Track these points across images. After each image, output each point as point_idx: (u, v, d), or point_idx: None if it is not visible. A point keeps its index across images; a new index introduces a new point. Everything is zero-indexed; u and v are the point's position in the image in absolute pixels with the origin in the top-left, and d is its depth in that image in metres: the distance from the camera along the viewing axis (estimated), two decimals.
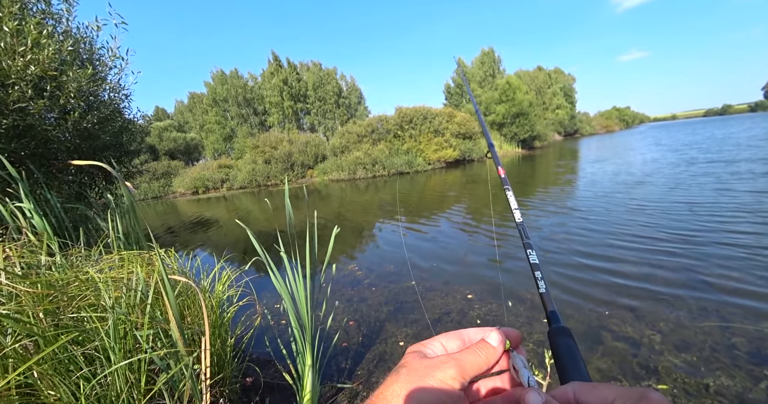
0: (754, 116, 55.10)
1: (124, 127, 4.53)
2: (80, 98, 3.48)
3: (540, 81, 42.90)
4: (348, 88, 32.90)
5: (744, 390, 1.94)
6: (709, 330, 2.48)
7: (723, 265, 3.41)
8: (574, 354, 0.44)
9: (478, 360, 0.34)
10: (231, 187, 22.63)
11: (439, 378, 0.31)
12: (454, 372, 0.32)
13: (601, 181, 9.36)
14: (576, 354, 0.44)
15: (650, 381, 2.06)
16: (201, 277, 2.41)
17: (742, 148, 12.40)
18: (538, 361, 2.31)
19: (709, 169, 8.96)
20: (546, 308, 0.56)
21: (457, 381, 0.31)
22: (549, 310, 0.54)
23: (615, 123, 62.16)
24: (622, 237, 4.54)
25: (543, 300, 0.58)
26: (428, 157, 20.33)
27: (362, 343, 2.81)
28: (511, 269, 4.00)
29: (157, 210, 16.33)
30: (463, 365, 0.33)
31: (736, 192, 6.19)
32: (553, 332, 0.48)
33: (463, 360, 0.33)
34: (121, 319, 1.21)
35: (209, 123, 32.71)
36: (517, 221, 0.77)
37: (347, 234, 6.77)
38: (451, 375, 0.31)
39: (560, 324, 0.50)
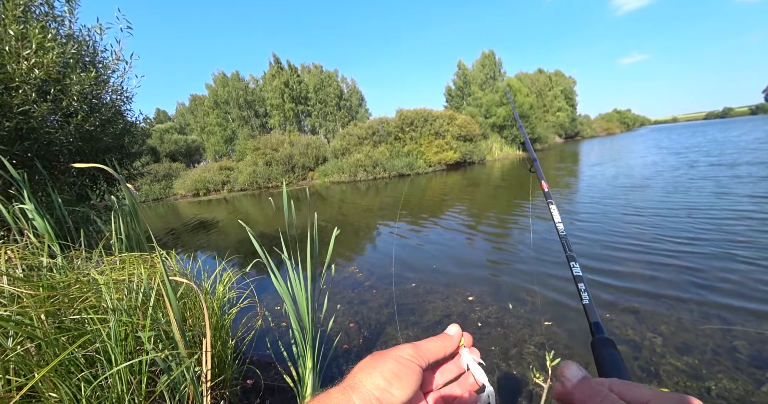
0: (755, 119, 55.10)
1: (125, 130, 4.54)
2: (83, 101, 3.50)
3: (541, 83, 42.94)
4: (349, 91, 32.98)
5: (746, 393, 1.93)
6: (710, 333, 2.47)
7: (723, 268, 3.40)
8: (619, 364, 0.45)
9: (435, 345, 0.36)
10: (232, 188, 22.65)
11: (397, 354, 0.34)
12: (411, 350, 0.34)
13: (599, 184, 9.36)
14: (620, 364, 0.45)
15: (651, 384, 2.05)
16: (202, 279, 2.41)
17: (745, 152, 12.39)
18: (539, 364, 2.31)
19: (709, 173, 8.95)
20: (589, 319, 0.57)
21: (414, 358, 0.34)
22: (593, 321, 0.55)
23: (616, 125, 62.18)
24: (622, 241, 4.54)
25: (586, 312, 0.59)
26: (429, 159, 20.34)
27: (363, 345, 2.80)
28: (512, 272, 3.99)
29: (158, 213, 16.35)
30: (419, 347, 0.35)
31: (736, 196, 6.18)
32: (598, 343, 0.48)
33: (420, 344, 0.36)
34: (123, 321, 1.22)
35: (210, 125, 32.81)
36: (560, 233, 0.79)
37: (348, 236, 6.77)
38: (408, 352, 0.34)
39: (604, 335, 0.51)
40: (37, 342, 1.11)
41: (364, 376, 0.32)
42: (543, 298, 3.23)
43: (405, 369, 0.33)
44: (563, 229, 0.79)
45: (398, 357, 0.34)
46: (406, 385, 0.32)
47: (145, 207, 19.55)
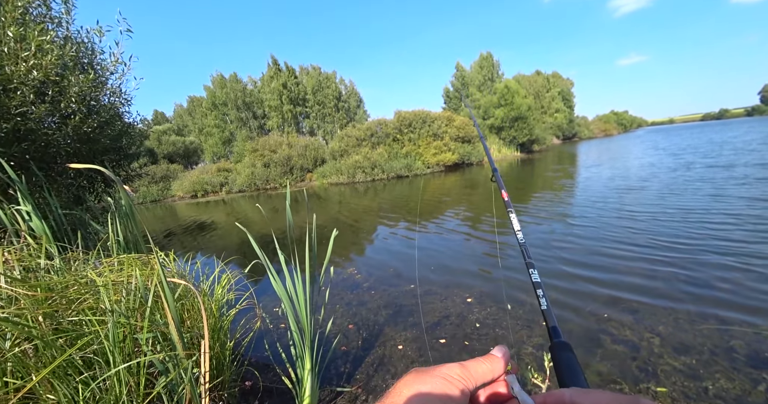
0: (750, 120, 55.49)
1: (123, 131, 4.53)
2: (81, 103, 3.49)
3: (538, 85, 43.10)
4: (347, 92, 33.01)
5: (743, 392, 1.94)
6: (708, 333, 2.48)
7: (720, 268, 3.42)
8: (574, 367, 0.47)
9: (483, 367, 0.34)
10: (230, 190, 22.61)
11: (445, 372, 0.32)
12: (459, 370, 0.32)
13: (596, 186, 9.40)
14: (575, 367, 0.47)
15: (649, 384, 2.06)
16: (200, 281, 2.41)
17: (742, 153, 12.47)
18: (537, 364, 2.31)
19: (706, 174, 9.01)
20: (548, 324, 0.59)
21: (460, 380, 0.32)
22: (550, 325, 0.58)
23: (613, 127, 62.46)
24: (618, 242, 4.56)
25: (545, 317, 0.62)
26: (427, 160, 20.37)
27: (361, 347, 2.80)
28: (511, 273, 4.00)
29: (156, 214, 16.30)
30: (467, 368, 0.33)
31: (733, 198, 6.22)
32: (555, 347, 0.51)
33: (469, 365, 0.34)
34: (121, 322, 1.21)
35: (208, 126, 32.76)
36: (519, 241, 0.82)
37: (347, 237, 6.77)
38: (456, 372, 0.32)
39: (561, 339, 0.53)
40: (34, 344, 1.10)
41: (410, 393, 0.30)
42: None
43: (454, 389, 0.31)
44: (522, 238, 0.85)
45: (447, 375, 0.32)
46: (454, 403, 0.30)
47: (143, 209, 19.49)
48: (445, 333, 2.85)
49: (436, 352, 2.61)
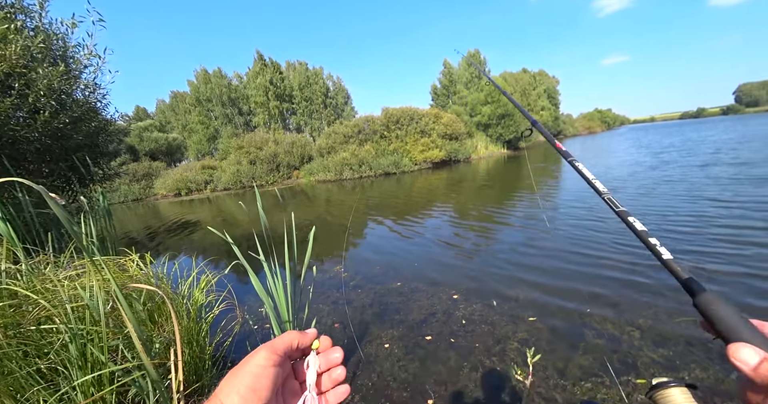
0: (726, 119, 57.43)
1: (100, 128, 4.36)
2: (51, 97, 3.33)
3: (525, 83, 43.55)
4: (335, 88, 32.69)
5: (716, 381, 2.00)
6: (684, 325, 2.55)
7: (698, 262, 3.52)
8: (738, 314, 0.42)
9: (289, 336, 0.42)
10: (215, 188, 22.18)
11: (252, 364, 0.38)
12: (264, 353, 0.39)
13: (579, 185, 9.59)
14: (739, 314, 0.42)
15: (630, 376, 2.10)
16: (179, 282, 2.34)
17: (721, 152, 12.88)
18: (521, 360, 2.34)
19: (687, 173, 9.29)
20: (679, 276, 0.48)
21: (267, 360, 0.39)
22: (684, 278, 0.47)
23: (597, 124, 63.77)
24: (603, 233, 4.65)
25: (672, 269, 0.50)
26: (415, 157, 20.39)
27: (347, 346, 2.78)
28: (497, 270, 4.03)
29: (138, 213, 15.87)
30: (272, 345, 0.40)
31: (713, 196, 6.42)
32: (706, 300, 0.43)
33: (274, 341, 0.41)
34: (82, 331, 1.15)
35: (192, 123, 31.99)
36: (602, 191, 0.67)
37: (334, 236, 6.72)
38: (263, 356, 0.39)
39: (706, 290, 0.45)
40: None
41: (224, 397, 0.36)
42: (527, 295, 3.28)
43: (261, 379, 0.37)
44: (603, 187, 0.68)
45: (253, 367, 0.38)
46: (262, 395, 0.37)
47: (125, 208, 18.95)
48: (431, 331, 2.85)
49: (422, 350, 2.61)
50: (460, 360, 2.44)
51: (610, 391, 2.01)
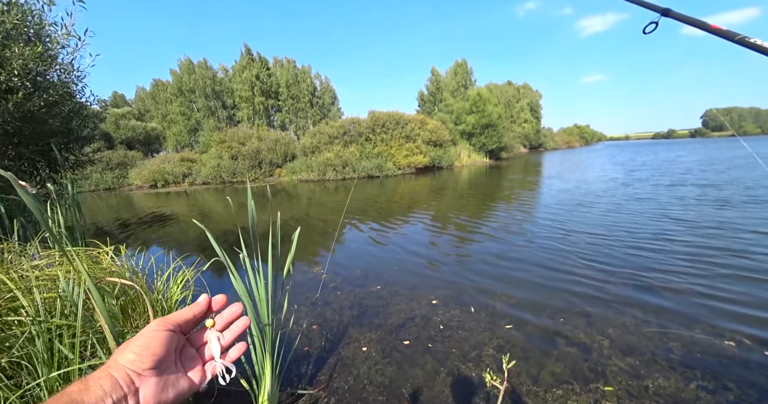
0: (694, 141, 60.95)
1: (74, 111, 4.15)
2: (25, 77, 3.16)
3: (509, 95, 44.78)
4: (322, 88, 32.49)
5: (677, 390, 2.10)
6: (650, 336, 2.67)
7: (666, 274, 3.71)
8: None
9: (182, 311, 0.47)
10: (193, 181, 21.52)
11: (146, 330, 0.43)
12: (156, 322, 0.44)
13: (553, 201, 9.90)
14: None
15: (598, 384, 2.18)
16: (155, 277, 2.25)
17: (691, 173, 13.62)
18: (496, 366, 2.38)
19: (657, 192, 9.76)
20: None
21: (159, 326, 0.43)
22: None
23: (576, 139, 66.15)
24: (579, 250, 4.82)
25: None
26: (398, 162, 20.51)
27: (325, 348, 2.75)
28: (476, 276, 4.09)
29: (110, 203, 15.17)
30: (166, 318, 0.45)
31: (672, 219, 6.77)
32: None
33: (168, 315, 0.46)
34: (50, 325, 1.09)
35: (173, 113, 30.98)
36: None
37: (315, 236, 6.65)
38: (154, 324, 0.44)
39: None
40: None
41: (118, 355, 0.41)
42: (504, 303, 3.35)
43: (152, 340, 0.42)
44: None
45: (145, 332, 0.43)
46: (154, 352, 0.41)
47: (95, 197, 18.08)
48: (410, 335, 2.86)
49: (400, 354, 2.62)
50: (437, 364, 2.46)
51: (580, 398, 2.07)
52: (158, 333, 0.43)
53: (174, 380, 0.43)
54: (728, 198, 7.65)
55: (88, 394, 0.37)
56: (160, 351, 0.42)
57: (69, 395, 0.36)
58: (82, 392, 0.37)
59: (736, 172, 12.17)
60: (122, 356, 0.41)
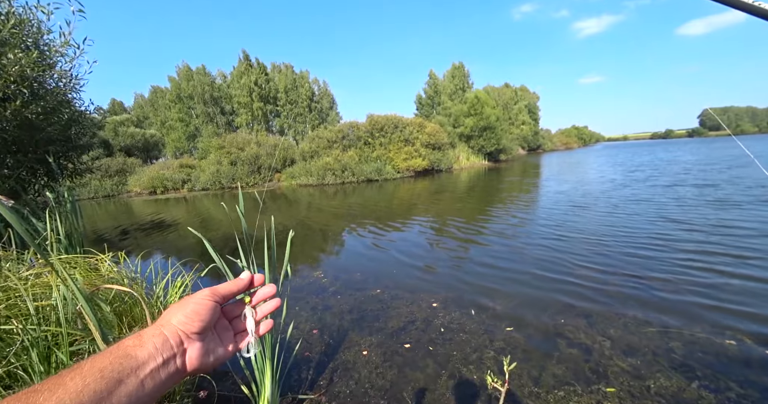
0: (692, 141, 61.14)
1: (73, 119, 4.16)
2: (23, 84, 3.17)
3: (507, 97, 44.96)
4: (320, 93, 32.61)
5: (679, 390, 2.09)
6: (651, 336, 2.66)
7: (665, 274, 3.70)
8: None
9: (228, 285, 0.50)
10: (192, 187, 21.52)
11: (196, 296, 0.46)
12: (206, 291, 0.47)
13: (551, 202, 9.92)
14: None
15: (600, 385, 2.17)
16: (153, 283, 2.25)
17: (690, 173, 13.63)
18: (497, 368, 2.37)
19: (657, 193, 9.77)
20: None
21: (208, 297, 0.46)
22: None
23: (574, 141, 66.36)
24: (578, 252, 4.81)
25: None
26: (397, 165, 20.53)
27: (325, 352, 2.74)
28: (476, 279, 4.09)
29: (109, 210, 15.16)
30: (215, 289, 0.48)
31: (671, 221, 6.78)
32: None
33: (216, 287, 0.49)
34: (46, 334, 1.08)
35: (172, 120, 31.05)
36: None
37: (314, 241, 6.64)
38: (204, 294, 0.47)
39: None
40: None
41: (170, 315, 0.44)
42: (504, 305, 3.34)
43: (201, 308, 0.45)
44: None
45: (196, 299, 0.46)
46: (202, 318, 0.44)
47: (95, 205, 18.06)
48: (410, 338, 2.85)
49: (401, 357, 2.61)
50: (438, 367, 2.45)
51: (582, 399, 2.07)
52: (207, 302, 0.46)
53: (213, 347, 0.46)
54: (728, 197, 7.66)
55: (141, 350, 0.39)
56: (207, 319, 0.45)
57: (125, 349, 0.38)
58: (136, 347, 0.39)
59: (736, 172, 12.21)
60: (174, 317, 0.43)
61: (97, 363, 0.35)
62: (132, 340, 0.39)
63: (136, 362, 0.37)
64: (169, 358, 0.41)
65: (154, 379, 0.38)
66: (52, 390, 0.32)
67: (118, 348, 0.38)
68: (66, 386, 0.32)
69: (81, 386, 0.33)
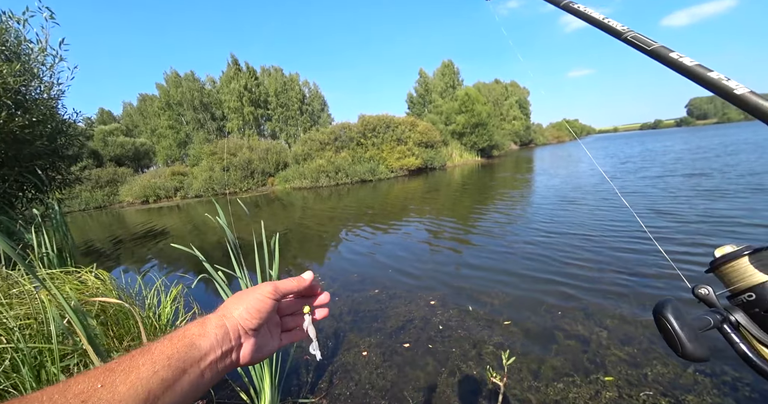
0: (680, 131, 61.95)
1: (59, 130, 4.09)
2: (6, 95, 3.12)
3: (497, 93, 45.17)
4: (311, 95, 32.53)
5: (676, 376, 2.12)
6: (646, 324, 2.69)
7: (656, 265, 3.75)
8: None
9: (291, 282, 0.49)
10: (185, 195, 21.35)
11: (258, 291, 0.45)
12: (269, 288, 0.46)
13: (548, 194, 9.99)
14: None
15: (599, 375, 2.19)
16: (145, 294, 2.22)
17: (680, 162, 13.80)
18: (497, 363, 2.38)
19: (650, 183, 9.88)
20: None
21: (270, 294, 0.46)
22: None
23: (565, 134, 66.87)
24: (572, 245, 4.85)
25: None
26: (391, 165, 20.54)
27: (324, 354, 2.73)
28: (472, 275, 4.10)
29: (101, 221, 14.98)
30: (277, 284, 0.47)
31: (664, 213, 6.86)
32: None
33: (278, 283, 0.48)
34: (34, 351, 1.07)
35: (162, 127, 30.75)
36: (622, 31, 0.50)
37: (310, 244, 6.62)
38: (267, 290, 0.46)
39: None
40: None
41: (232, 307, 0.44)
42: (501, 300, 3.35)
43: (263, 305, 0.44)
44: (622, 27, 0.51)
45: (259, 295, 0.45)
46: (262, 316, 0.44)
47: (86, 216, 17.84)
48: (410, 337, 2.85)
49: (400, 356, 2.60)
50: (438, 365, 2.46)
51: (581, 390, 2.08)
52: (269, 301, 0.45)
53: (264, 342, 0.46)
54: (719, 186, 7.77)
55: (204, 340, 0.39)
56: (266, 316, 0.45)
57: (190, 337, 0.38)
58: (201, 337, 0.39)
59: (727, 159, 12.39)
60: (236, 309, 0.43)
61: (166, 349, 0.36)
62: (197, 328, 0.39)
63: (199, 353, 0.38)
64: (227, 351, 0.41)
65: (212, 371, 0.39)
66: (126, 372, 0.32)
67: (184, 335, 0.38)
68: (139, 370, 0.33)
69: (151, 372, 0.33)
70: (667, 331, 0.45)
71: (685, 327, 0.45)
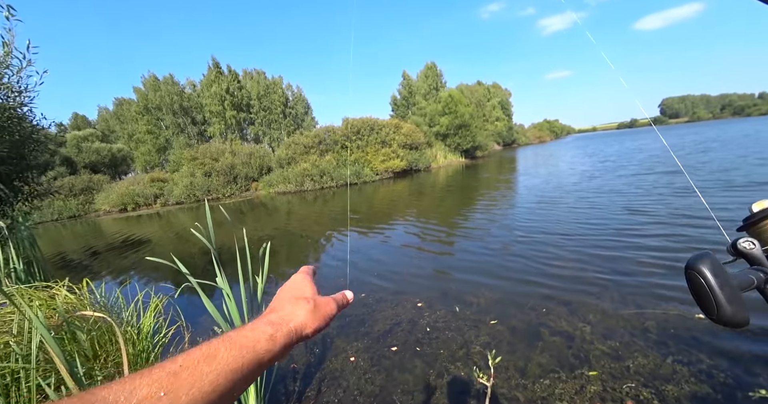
0: (654, 129, 64.28)
1: (25, 137, 3.90)
2: None
3: (480, 94, 45.87)
4: (294, 98, 32.26)
5: (656, 366, 2.18)
6: (627, 317, 2.77)
7: (637, 256, 3.86)
8: None
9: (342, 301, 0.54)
10: (166, 202, 20.78)
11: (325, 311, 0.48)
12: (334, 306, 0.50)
13: (534, 193, 10.18)
14: None
15: (583, 370, 2.23)
16: (123, 307, 2.14)
17: (656, 159, 14.29)
18: (484, 363, 2.39)
19: (625, 182, 10.20)
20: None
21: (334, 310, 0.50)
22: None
23: (546, 134, 68.50)
24: (555, 243, 4.95)
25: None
26: (376, 167, 20.55)
27: (312, 362, 2.69)
28: (458, 276, 4.13)
29: (75, 232, 14.40)
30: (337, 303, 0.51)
31: (637, 213, 7.09)
32: None
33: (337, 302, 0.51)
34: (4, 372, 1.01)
35: (140, 132, 29.86)
36: None
37: (295, 249, 6.54)
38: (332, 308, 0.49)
39: None
40: None
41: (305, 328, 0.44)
42: (487, 299, 3.38)
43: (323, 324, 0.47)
44: None
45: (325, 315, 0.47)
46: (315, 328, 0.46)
47: (59, 227, 17.12)
48: (397, 341, 2.84)
49: (388, 360, 2.59)
50: (426, 367, 2.45)
51: (566, 385, 2.11)
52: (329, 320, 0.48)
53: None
54: (697, 183, 8.09)
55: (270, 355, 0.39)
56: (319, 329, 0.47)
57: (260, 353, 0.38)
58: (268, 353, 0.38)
59: (701, 157, 12.92)
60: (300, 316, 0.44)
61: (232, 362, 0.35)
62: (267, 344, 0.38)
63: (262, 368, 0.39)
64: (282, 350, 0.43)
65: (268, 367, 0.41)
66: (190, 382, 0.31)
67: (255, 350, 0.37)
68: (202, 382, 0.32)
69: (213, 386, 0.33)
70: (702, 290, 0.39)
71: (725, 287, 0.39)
